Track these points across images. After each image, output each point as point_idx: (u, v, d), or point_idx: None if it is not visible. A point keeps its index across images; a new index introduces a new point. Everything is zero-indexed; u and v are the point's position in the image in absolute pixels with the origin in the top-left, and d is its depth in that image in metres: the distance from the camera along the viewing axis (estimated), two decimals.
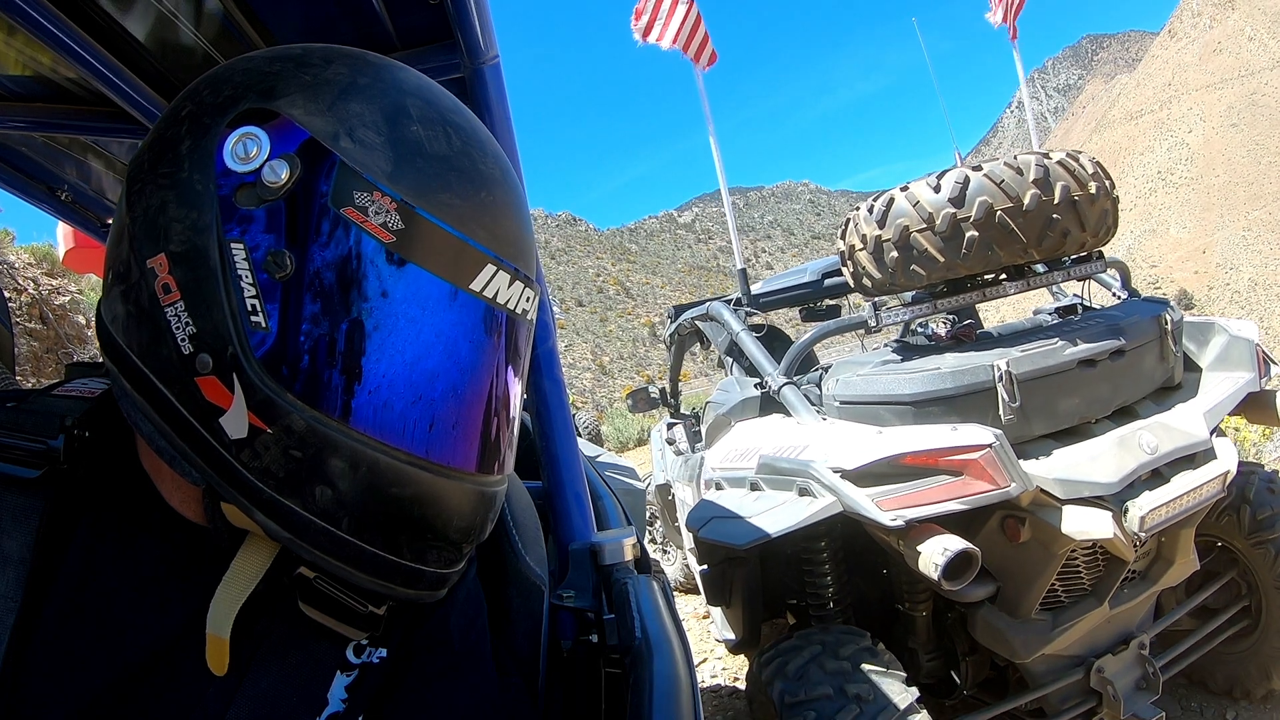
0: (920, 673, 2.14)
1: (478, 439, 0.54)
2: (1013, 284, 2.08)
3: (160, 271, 0.47)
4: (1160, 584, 1.99)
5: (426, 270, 0.48)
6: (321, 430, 0.47)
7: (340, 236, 0.46)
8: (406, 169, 0.48)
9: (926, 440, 1.73)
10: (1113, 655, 1.97)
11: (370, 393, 0.48)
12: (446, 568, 0.54)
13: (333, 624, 0.55)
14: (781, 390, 2.23)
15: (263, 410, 0.46)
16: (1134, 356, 1.95)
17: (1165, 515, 1.73)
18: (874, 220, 2.05)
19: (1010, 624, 1.87)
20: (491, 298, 0.51)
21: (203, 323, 0.46)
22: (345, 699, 0.58)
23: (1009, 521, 1.80)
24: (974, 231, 1.88)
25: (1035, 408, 1.80)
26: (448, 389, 0.50)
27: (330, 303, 0.46)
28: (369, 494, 0.48)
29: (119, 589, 0.53)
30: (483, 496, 0.55)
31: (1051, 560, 1.78)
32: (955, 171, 1.94)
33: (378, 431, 0.48)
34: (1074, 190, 1.89)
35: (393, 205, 0.47)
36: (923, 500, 1.68)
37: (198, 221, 0.47)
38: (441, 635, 0.64)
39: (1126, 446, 1.78)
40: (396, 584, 0.51)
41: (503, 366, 0.54)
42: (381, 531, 0.50)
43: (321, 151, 0.47)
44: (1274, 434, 5.27)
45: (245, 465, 0.47)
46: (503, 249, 0.52)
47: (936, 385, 1.83)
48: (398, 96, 0.51)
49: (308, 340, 0.47)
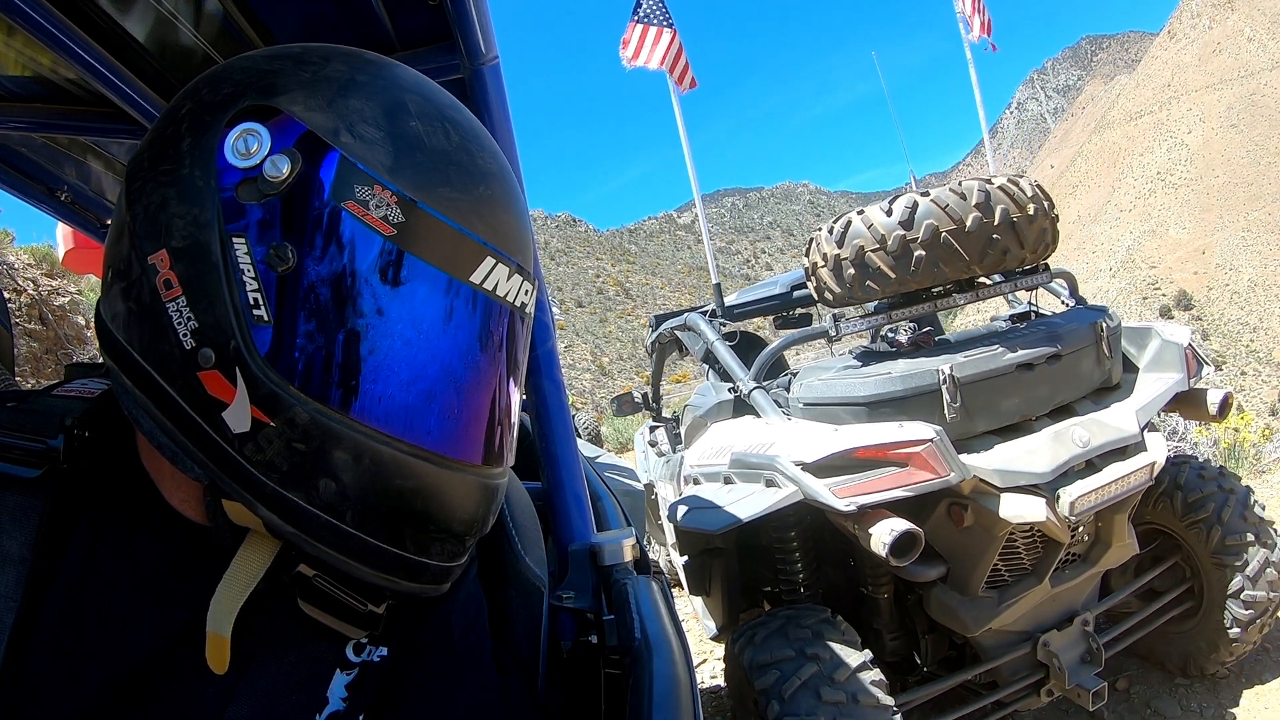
0: (885, 651, 2.34)
1: (480, 431, 0.54)
2: (962, 296, 2.32)
3: (161, 267, 0.48)
4: (1100, 566, 2.19)
5: (427, 263, 0.48)
6: (325, 423, 0.47)
7: (341, 230, 0.47)
8: (406, 163, 0.49)
9: (876, 435, 1.93)
10: (1058, 631, 2.19)
11: (373, 385, 0.48)
12: (450, 561, 0.54)
13: (332, 622, 0.55)
14: (752, 394, 2.45)
15: (266, 404, 0.46)
16: (1071, 360, 2.17)
17: (1094, 501, 1.94)
18: (834, 240, 2.27)
19: (960, 601, 2.10)
20: (491, 290, 0.51)
21: (205, 317, 0.47)
22: (345, 697, 0.58)
23: (954, 508, 2.02)
24: (921, 251, 2.12)
25: (977, 407, 2.03)
26: (449, 381, 0.51)
27: (332, 296, 0.47)
28: (373, 486, 0.49)
29: (119, 588, 0.53)
30: (485, 489, 0.55)
31: (993, 542, 2.00)
32: (906, 197, 2.17)
33: (381, 423, 0.48)
34: (1014, 212, 2.12)
35: (393, 199, 0.47)
36: (873, 488, 1.89)
37: (199, 217, 0.47)
38: (442, 635, 0.64)
39: (1060, 440, 1.99)
40: (400, 577, 0.51)
41: (503, 360, 0.55)
42: (385, 524, 0.50)
43: (322, 146, 0.47)
44: (1274, 434, 5.28)
45: (249, 459, 0.47)
46: (502, 242, 0.52)
47: (887, 388, 2.06)
48: (397, 93, 0.51)
49: (310, 333, 0.47)
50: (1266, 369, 47.59)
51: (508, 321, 0.54)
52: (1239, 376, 50.95)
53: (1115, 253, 40.28)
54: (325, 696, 0.57)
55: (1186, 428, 5.47)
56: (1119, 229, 38.45)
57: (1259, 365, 49.35)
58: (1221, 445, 5.01)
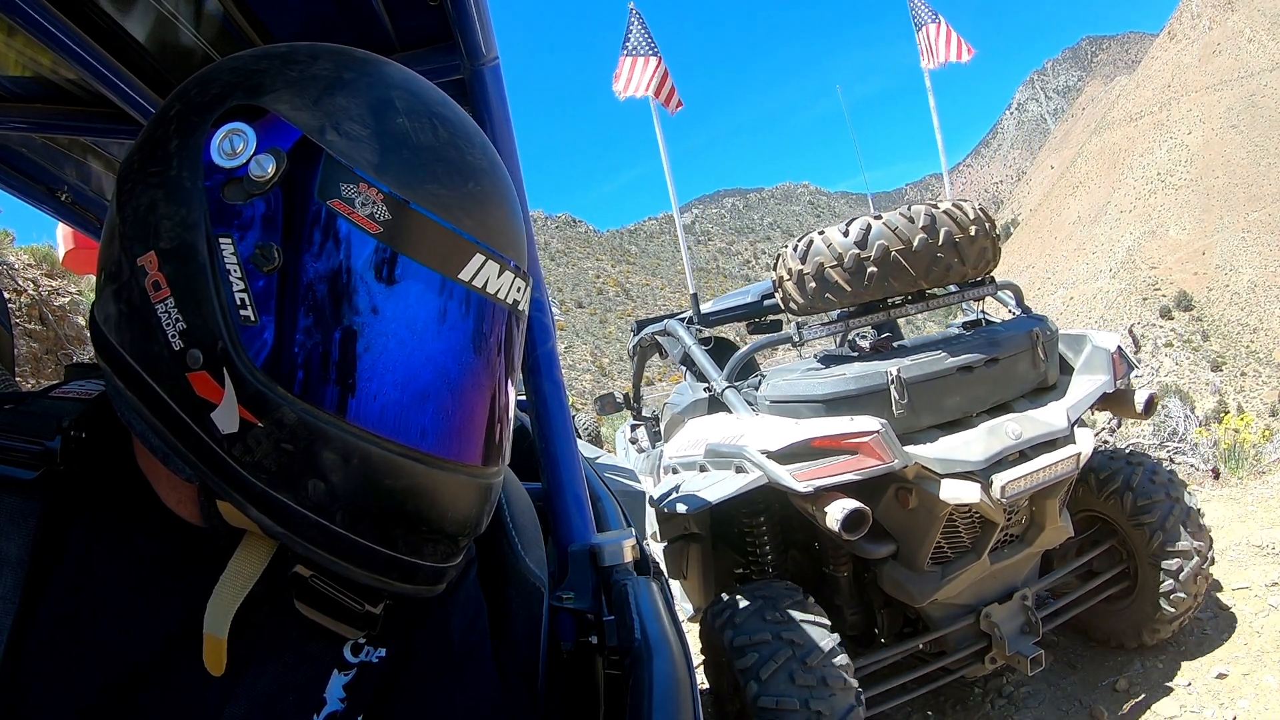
0: (846, 625, 2.62)
1: (472, 430, 0.53)
2: (913, 306, 2.61)
3: (150, 269, 0.48)
4: (1035, 546, 2.47)
5: (415, 261, 0.48)
6: (312, 423, 0.47)
7: (327, 229, 0.46)
8: (393, 161, 0.48)
9: (830, 427, 2.21)
10: (999, 604, 2.47)
11: (361, 385, 0.47)
12: (443, 561, 0.54)
13: (329, 623, 0.55)
14: (724, 393, 2.69)
15: (253, 404, 0.46)
16: (1008, 363, 2.46)
17: (1024, 486, 2.22)
18: (798, 257, 2.56)
19: (908, 575, 2.38)
20: (481, 287, 0.51)
21: (192, 318, 0.47)
22: (344, 698, 0.58)
23: (900, 491, 2.30)
24: (874, 267, 2.39)
25: (922, 404, 2.30)
26: (440, 380, 0.50)
27: (318, 296, 0.46)
28: (362, 487, 0.48)
29: (115, 589, 0.53)
30: (478, 488, 0.54)
31: (935, 522, 2.27)
32: (861, 220, 2.47)
33: (369, 424, 0.48)
34: (956, 233, 2.39)
35: (379, 196, 0.47)
36: (828, 472, 2.15)
37: (186, 218, 0.47)
38: (443, 636, 0.64)
39: (995, 433, 2.26)
40: (393, 578, 0.51)
41: (495, 357, 0.54)
42: (376, 525, 0.49)
43: (308, 145, 0.47)
44: (1274, 434, 5.28)
45: (237, 460, 0.47)
46: (492, 239, 0.52)
47: (843, 387, 2.33)
48: (384, 90, 0.51)
49: (297, 333, 0.46)
50: (1266, 369, 47.54)
51: (499, 318, 0.53)
52: (1239, 377, 50.99)
53: (1115, 253, 40.37)
54: (323, 697, 0.57)
55: (1186, 429, 5.47)
56: (1119, 229, 38.39)
57: (1259, 366, 49.35)
58: (1221, 446, 5.01)
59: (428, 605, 0.64)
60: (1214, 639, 2.82)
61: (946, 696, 2.96)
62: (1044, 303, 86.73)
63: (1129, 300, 64.88)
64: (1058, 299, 78.88)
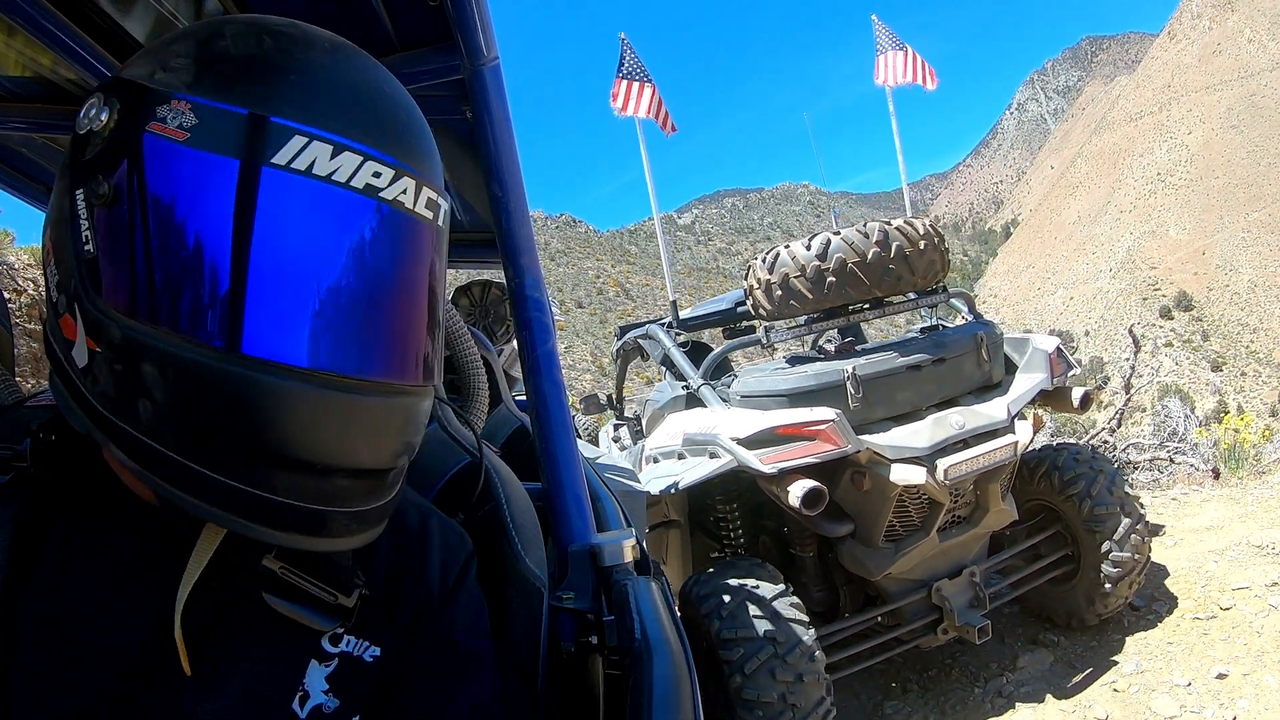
0: (812, 601, 2.93)
1: (309, 328, 0.47)
2: (871, 312, 2.94)
3: (47, 243, 0.51)
4: (981, 527, 2.79)
5: (223, 155, 0.46)
6: (133, 336, 0.46)
7: (145, 152, 0.47)
8: (208, 74, 0.49)
9: (792, 417, 2.51)
10: (949, 580, 2.76)
11: (171, 287, 0.46)
12: (317, 503, 0.49)
13: (298, 616, 0.54)
14: (700, 390, 3.01)
15: (94, 331, 0.47)
16: (954, 363, 2.79)
17: (965, 470, 2.52)
18: (766, 268, 2.90)
19: (865, 552, 2.69)
20: (305, 169, 0.47)
21: (60, 268, 0.50)
22: (327, 690, 0.57)
23: (855, 475, 2.61)
24: (832, 278, 2.74)
25: (876, 398, 2.63)
26: (259, 271, 0.46)
27: (135, 212, 0.47)
28: (183, 401, 0.46)
29: (95, 588, 0.53)
30: (331, 405, 0.48)
31: (887, 501, 2.57)
32: (822, 235, 2.82)
33: (184, 328, 0.45)
34: (907, 247, 2.74)
35: (188, 107, 0.47)
36: (790, 456, 2.46)
37: (60, 186, 0.51)
38: (446, 637, 0.64)
39: (940, 424, 2.57)
40: (255, 520, 0.47)
41: (348, 248, 0.49)
42: (212, 449, 0.46)
43: (137, 88, 0.49)
44: (1274, 434, 5.28)
45: (90, 392, 0.48)
46: (327, 124, 0.48)
47: (804, 383, 2.64)
48: (220, 25, 0.52)
49: (120, 251, 0.47)
50: (1266, 369, 47.52)
51: (350, 206, 0.49)
52: (1239, 377, 50.95)
53: (1115, 254, 40.35)
54: (303, 688, 0.56)
55: (1186, 429, 5.48)
56: (1119, 230, 38.37)
57: (1259, 366, 49.31)
58: (1221, 446, 5.01)
59: (427, 606, 0.64)
60: (1214, 639, 2.82)
61: (947, 697, 2.96)
62: (1044, 303, 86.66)
63: (1129, 300, 64.82)
64: (1058, 299, 78.82)
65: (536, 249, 1.06)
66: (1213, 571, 3.26)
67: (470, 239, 1.75)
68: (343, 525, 0.51)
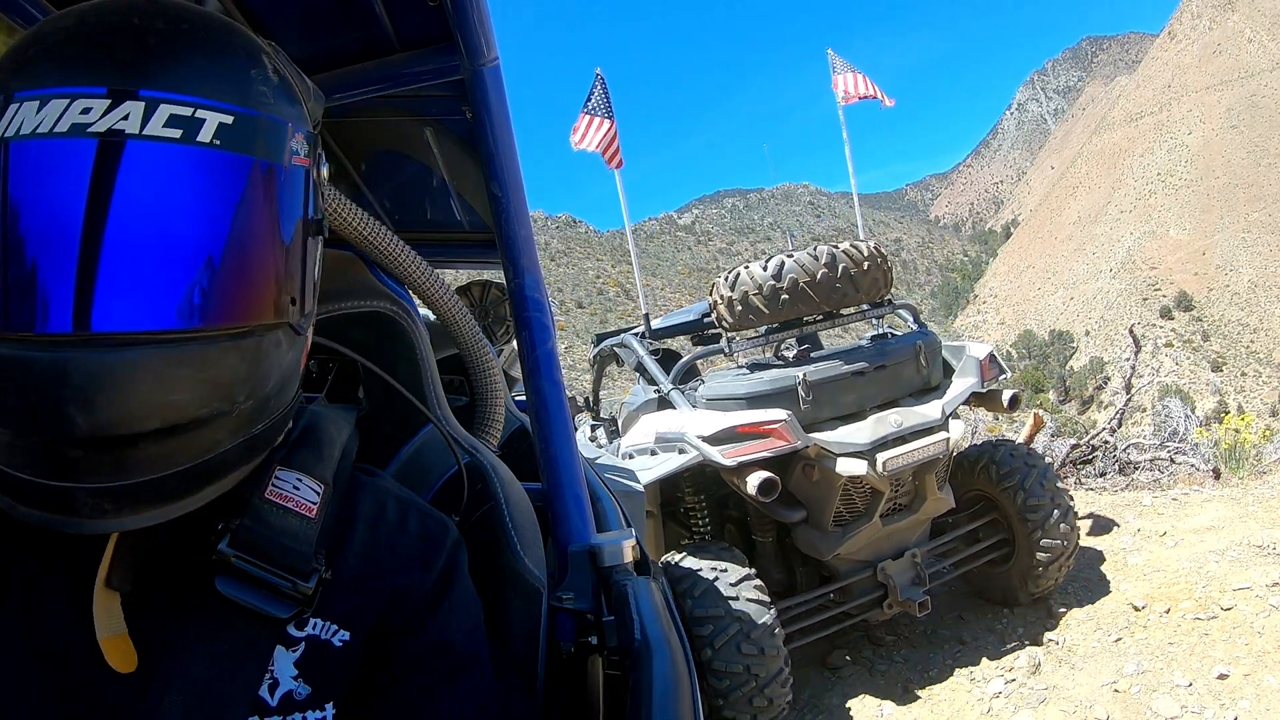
0: (772, 581, 3.26)
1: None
2: (823, 324, 3.38)
3: None
4: (921, 514, 3.14)
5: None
6: None
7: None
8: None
9: (750, 417, 2.86)
10: (893, 560, 3.13)
11: None
12: (48, 478, 0.46)
13: (249, 604, 0.54)
14: (670, 393, 3.35)
15: None
16: (895, 369, 3.19)
17: (902, 462, 2.88)
18: (728, 286, 3.30)
19: (816, 535, 3.06)
20: (17, 133, 0.45)
21: None
22: (297, 675, 0.57)
23: (806, 467, 3.00)
24: (785, 295, 3.13)
25: (824, 401, 3.02)
26: None
27: None
28: None
29: (55, 601, 0.53)
30: (10, 368, 0.44)
31: (834, 491, 2.96)
32: (778, 257, 3.23)
33: None
34: (851, 268, 3.15)
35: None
36: (747, 450, 2.80)
37: None
38: (444, 640, 0.64)
39: (880, 423, 2.94)
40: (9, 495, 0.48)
41: (39, 195, 0.45)
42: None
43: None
44: (1274, 435, 5.27)
45: None
46: (32, 80, 0.46)
47: (761, 387, 3.01)
48: (48, 21, 0.50)
49: None
50: (1266, 370, 47.47)
51: (47, 152, 0.45)
52: (1239, 377, 50.91)
53: (1115, 254, 40.32)
54: (272, 675, 0.56)
55: (1187, 429, 5.48)
56: (1119, 230, 38.33)
57: (1259, 366, 49.27)
58: (1222, 446, 5.01)
59: (427, 607, 0.64)
60: (1215, 639, 2.82)
61: (948, 699, 2.97)
62: (1044, 303, 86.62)
63: (1129, 300, 64.77)
64: (1058, 299, 78.76)
65: (536, 249, 1.06)
66: (1213, 572, 3.26)
67: (470, 239, 1.75)
68: (91, 505, 0.47)
